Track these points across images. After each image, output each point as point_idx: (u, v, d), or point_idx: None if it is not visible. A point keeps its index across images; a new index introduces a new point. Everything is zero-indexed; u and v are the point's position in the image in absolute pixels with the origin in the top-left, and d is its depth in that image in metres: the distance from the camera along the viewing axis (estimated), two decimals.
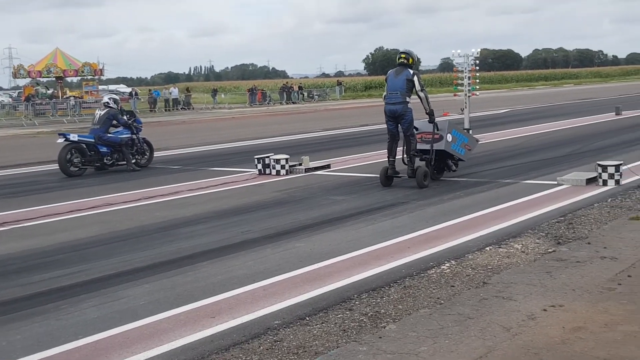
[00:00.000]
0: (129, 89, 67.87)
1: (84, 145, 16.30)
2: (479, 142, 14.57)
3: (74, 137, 16.35)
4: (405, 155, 12.38)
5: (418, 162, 12.48)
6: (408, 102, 12.05)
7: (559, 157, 15.89)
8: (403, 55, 12.29)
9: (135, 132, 17.08)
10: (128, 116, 17.39)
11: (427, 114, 12.22)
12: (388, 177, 12.43)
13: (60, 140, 16.21)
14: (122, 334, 5.58)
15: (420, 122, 12.51)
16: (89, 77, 51.47)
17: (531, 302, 5.80)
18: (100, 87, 57.39)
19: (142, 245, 8.74)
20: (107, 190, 13.54)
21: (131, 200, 12.27)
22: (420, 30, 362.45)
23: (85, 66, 48.79)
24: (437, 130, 12.43)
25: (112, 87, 73.48)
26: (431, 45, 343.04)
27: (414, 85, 11.98)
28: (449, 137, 12.52)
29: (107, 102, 17.12)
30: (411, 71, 12.12)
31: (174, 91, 56.50)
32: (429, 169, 12.40)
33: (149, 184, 14.17)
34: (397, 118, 12.11)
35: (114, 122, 16.80)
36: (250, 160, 15.73)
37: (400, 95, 11.98)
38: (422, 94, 11.99)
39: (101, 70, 50.71)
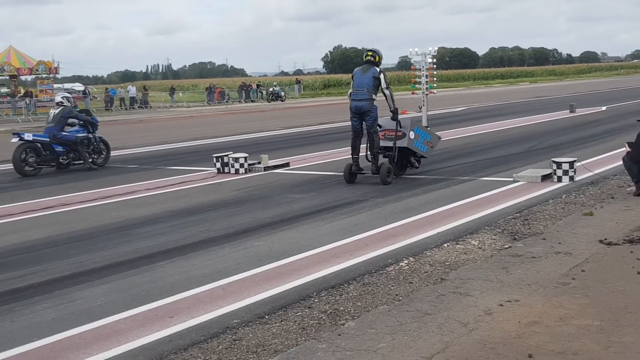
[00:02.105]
0: (83, 87, 66.84)
1: (39, 145, 16.07)
2: (441, 139, 14.72)
3: (28, 136, 16.09)
4: (368, 153, 12.48)
5: (381, 159, 12.60)
6: (374, 99, 12.20)
7: (515, 154, 16.11)
8: (370, 53, 12.47)
9: (91, 130, 16.89)
10: (84, 115, 17.18)
11: (391, 111, 12.33)
12: (352, 174, 12.53)
13: (15, 139, 15.96)
14: (78, 335, 5.51)
15: (384, 119, 12.64)
16: (44, 76, 50.56)
17: (488, 298, 5.87)
18: (56, 85, 56.39)
19: (98, 245, 8.63)
20: (63, 190, 13.34)
21: (87, 200, 12.11)
22: (379, 28, 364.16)
23: (39, 64, 47.87)
24: (400, 127, 12.58)
25: (67, 85, 72.20)
26: (390, 44, 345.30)
27: (380, 83, 12.11)
28: (412, 135, 12.67)
29: (61, 102, 16.89)
30: (377, 69, 12.28)
31: (132, 89, 55.87)
32: (392, 165, 12.52)
33: (105, 184, 13.99)
34: (363, 114, 12.23)
35: (71, 120, 16.58)
36: (209, 159, 15.64)
37: (366, 92, 12.12)
38: (387, 92, 12.15)
39: (56, 68, 49.78)
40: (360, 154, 12.54)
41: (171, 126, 33.47)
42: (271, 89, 61.52)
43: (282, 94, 60.33)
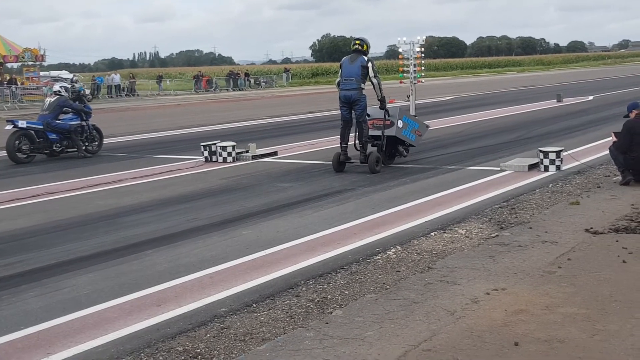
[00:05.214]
0: (71, 75, 66.36)
1: (33, 132, 16.15)
2: (429, 128, 14.75)
3: (22, 124, 16.15)
4: (357, 142, 12.50)
5: (370, 148, 12.63)
6: (363, 89, 12.26)
7: (502, 143, 16.16)
8: (357, 42, 12.49)
9: (85, 118, 16.95)
10: (78, 102, 17.20)
11: (378, 100, 12.36)
12: (340, 163, 12.56)
13: (9, 127, 16.00)
14: (65, 323, 5.50)
15: (372, 108, 12.68)
16: (30, 63, 50.18)
17: (475, 286, 5.90)
18: (42, 73, 56.01)
19: (85, 234, 8.60)
20: (50, 179, 13.28)
21: (74, 188, 12.05)
22: (367, 17, 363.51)
23: (25, 52, 47.46)
24: (388, 116, 12.62)
25: (54, 73, 71.69)
26: (378, 33, 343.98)
27: (368, 72, 12.13)
28: (400, 124, 12.73)
29: (59, 91, 16.97)
30: (366, 58, 12.31)
31: (116, 77, 55.54)
32: (380, 154, 12.55)
33: (92, 172, 13.94)
34: (352, 104, 12.27)
35: (66, 109, 16.62)
36: (197, 148, 15.60)
37: (355, 81, 12.15)
38: (375, 80, 12.17)
39: (42, 55, 49.38)
40: (349, 143, 12.57)
41: (158, 114, 33.33)
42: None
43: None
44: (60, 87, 17.32)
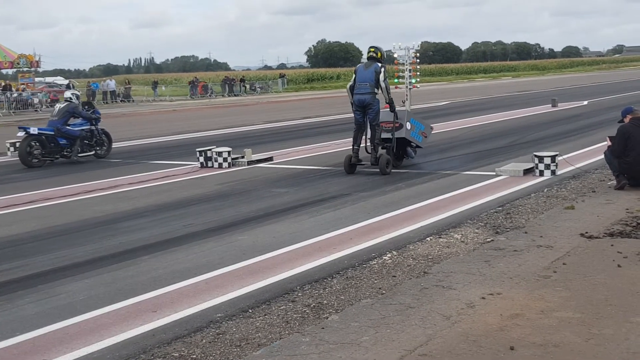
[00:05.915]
0: (66, 81, 66.29)
1: (44, 137, 16.45)
2: (433, 129, 14.91)
3: (34, 130, 16.51)
4: (369, 144, 12.84)
5: (380, 151, 12.88)
6: (376, 93, 12.66)
7: (498, 148, 16.20)
8: (372, 50, 13.05)
9: (94, 123, 17.28)
10: (87, 107, 17.60)
11: (387, 103, 12.73)
12: (352, 165, 12.88)
13: (21, 133, 16.44)
14: (61, 329, 5.50)
15: (382, 111, 12.92)
16: (25, 69, 50.11)
17: (470, 291, 5.91)
18: (37, 79, 55.93)
19: (81, 240, 8.59)
20: (45, 185, 13.27)
21: (70, 194, 12.04)
22: (363, 22, 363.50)
23: (20, 58, 47.40)
24: (397, 119, 12.88)
25: (49, 79, 71.57)
26: (373, 38, 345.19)
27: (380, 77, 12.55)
28: (408, 125, 13.10)
29: (70, 98, 17.36)
30: (379, 64, 12.76)
31: (111, 83, 55.48)
32: (390, 156, 12.73)
33: (88, 178, 13.93)
34: (365, 107, 12.65)
35: (75, 115, 16.96)
36: (192, 153, 15.60)
37: (369, 86, 12.59)
38: (383, 85, 12.62)
39: (37, 62, 49.34)
40: (360, 146, 12.85)
41: (154, 120, 33.31)
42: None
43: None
44: (72, 94, 17.73)
